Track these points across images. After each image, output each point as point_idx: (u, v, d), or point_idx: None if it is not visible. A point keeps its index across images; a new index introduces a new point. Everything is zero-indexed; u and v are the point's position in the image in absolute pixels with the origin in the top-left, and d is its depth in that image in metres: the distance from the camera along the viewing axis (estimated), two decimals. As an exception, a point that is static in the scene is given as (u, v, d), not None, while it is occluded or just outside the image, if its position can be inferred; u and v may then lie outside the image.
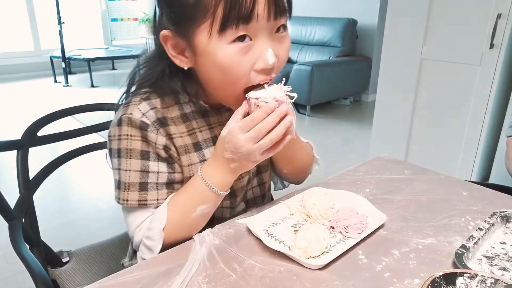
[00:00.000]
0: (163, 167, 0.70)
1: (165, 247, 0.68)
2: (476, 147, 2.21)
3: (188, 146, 0.73)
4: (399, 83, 2.45)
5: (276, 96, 0.64)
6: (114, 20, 6.43)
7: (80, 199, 2.42)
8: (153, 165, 0.69)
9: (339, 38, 4.55)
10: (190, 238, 0.71)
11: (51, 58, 5.36)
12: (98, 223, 2.13)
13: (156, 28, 0.70)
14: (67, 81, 5.32)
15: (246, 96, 0.66)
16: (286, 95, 0.66)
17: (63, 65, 5.23)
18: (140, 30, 6.58)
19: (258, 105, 0.64)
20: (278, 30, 0.66)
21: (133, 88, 0.76)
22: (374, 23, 4.56)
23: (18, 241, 0.75)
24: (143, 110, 0.69)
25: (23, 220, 0.85)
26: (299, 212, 0.78)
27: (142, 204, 0.69)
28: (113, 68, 6.61)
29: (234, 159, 0.66)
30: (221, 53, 0.62)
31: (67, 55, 5.23)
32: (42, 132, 0.94)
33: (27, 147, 0.90)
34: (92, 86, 5.32)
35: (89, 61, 5.21)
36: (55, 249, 0.99)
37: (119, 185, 0.70)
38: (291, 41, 0.70)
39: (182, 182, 0.74)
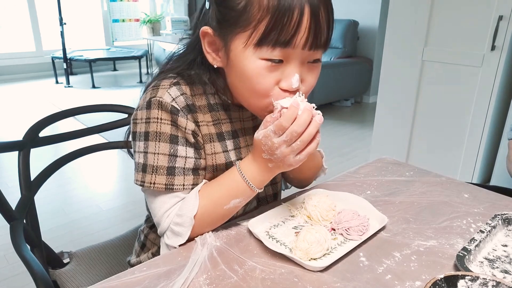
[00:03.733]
0: (190, 152, 0.71)
1: (192, 236, 0.69)
2: (477, 149, 2.21)
3: (212, 135, 0.75)
4: (400, 85, 2.45)
5: (305, 105, 0.65)
6: (115, 21, 6.43)
7: (81, 200, 2.42)
8: (181, 150, 0.70)
9: (340, 39, 4.55)
10: (213, 228, 0.73)
11: (53, 59, 5.37)
12: (99, 224, 2.13)
13: (199, 20, 0.72)
14: (68, 82, 5.33)
15: (274, 104, 0.67)
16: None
17: (65, 66, 5.23)
18: (142, 31, 6.59)
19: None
20: (311, 60, 0.68)
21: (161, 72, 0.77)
22: (375, 25, 4.56)
23: (19, 242, 0.75)
24: (173, 95, 0.70)
25: (24, 221, 0.85)
26: (300, 213, 0.78)
27: (169, 189, 0.69)
28: (115, 69, 6.61)
29: (271, 160, 0.67)
30: (250, 64, 0.64)
31: (68, 56, 5.23)
32: (43, 133, 0.94)
33: (28, 148, 0.90)
34: (94, 87, 5.32)
35: (90, 62, 5.21)
36: (56, 250, 0.99)
37: (144, 168, 0.70)
38: None
39: (205, 169, 0.75)
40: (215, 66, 0.71)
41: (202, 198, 0.70)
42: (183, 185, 0.70)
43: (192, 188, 0.72)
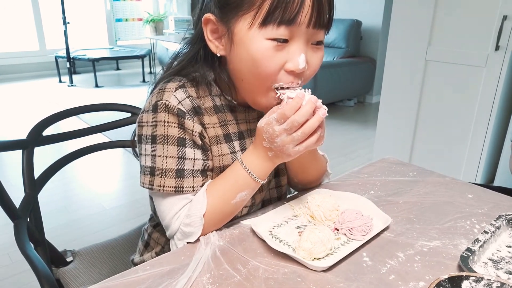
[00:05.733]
0: (198, 154, 0.71)
1: (203, 233, 0.70)
2: (481, 149, 2.20)
3: (219, 137, 0.75)
4: (404, 85, 2.44)
5: (310, 98, 0.66)
6: (118, 20, 6.45)
7: (84, 199, 2.42)
8: (190, 152, 0.70)
9: (343, 39, 4.55)
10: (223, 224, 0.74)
11: (56, 58, 5.38)
12: (102, 223, 2.13)
13: (201, 10, 0.72)
14: (71, 81, 5.34)
15: (278, 94, 0.68)
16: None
17: (68, 65, 5.25)
18: (145, 31, 6.60)
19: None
20: (315, 41, 0.68)
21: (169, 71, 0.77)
22: (379, 24, 4.55)
23: (23, 240, 0.76)
24: (179, 98, 0.70)
25: (28, 220, 0.85)
26: (303, 213, 0.78)
27: (178, 191, 0.70)
28: (118, 68, 6.63)
29: (271, 148, 0.68)
30: (256, 45, 0.65)
31: (71, 55, 5.25)
32: (47, 132, 0.95)
33: (32, 147, 0.91)
34: (97, 86, 5.34)
35: (93, 61, 5.23)
36: (59, 248, 1.00)
37: (153, 171, 0.70)
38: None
39: (213, 170, 0.75)
40: (218, 55, 0.71)
41: (209, 196, 0.70)
42: (193, 186, 0.71)
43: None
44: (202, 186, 0.72)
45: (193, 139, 0.70)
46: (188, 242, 0.70)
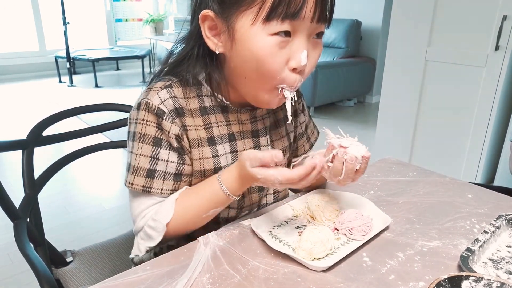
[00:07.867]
0: (173, 156, 0.71)
1: (167, 239, 0.71)
2: (481, 149, 2.20)
3: (201, 140, 0.73)
4: (404, 85, 2.44)
5: (360, 152, 0.68)
6: (118, 20, 6.45)
7: (84, 199, 2.42)
8: (164, 153, 0.70)
9: (343, 39, 4.55)
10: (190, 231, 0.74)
11: (56, 58, 5.38)
12: (101, 223, 2.13)
13: (196, 6, 0.70)
14: (71, 81, 5.34)
15: (329, 142, 0.71)
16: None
17: (68, 65, 5.25)
18: (145, 31, 6.60)
19: (344, 159, 0.68)
20: (316, 35, 0.68)
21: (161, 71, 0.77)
22: (379, 24, 4.55)
23: (23, 241, 0.76)
24: (162, 98, 0.69)
25: (28, 220, 0.85)
26: (303, 213, 0.78)
27: (146, 191, 0.70)
28: (118, 69, 6.63)
29: (259, 181, 0.67)
30: (260, 42, 0.63)
31: (71, 55, 5.25)
32: (47, 132, 0.95)
33: (32, 147, 0.91)
34: (97, 86, 5.34)
35: (93, 61, 5.23)
36: (59, 248, 1.00)
37: (128, 167, 0.71)
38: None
39: (191, 175, 0.74)
40: (217, 52, 0.69)
41: (178, 206, 0.70)
42: (161, 189, 0.70)
43: (171, 193, 0.72)
44: (172, 190, 0.71)
45: (169, 140, 0.70)
46: (148, 248, 0.72)
